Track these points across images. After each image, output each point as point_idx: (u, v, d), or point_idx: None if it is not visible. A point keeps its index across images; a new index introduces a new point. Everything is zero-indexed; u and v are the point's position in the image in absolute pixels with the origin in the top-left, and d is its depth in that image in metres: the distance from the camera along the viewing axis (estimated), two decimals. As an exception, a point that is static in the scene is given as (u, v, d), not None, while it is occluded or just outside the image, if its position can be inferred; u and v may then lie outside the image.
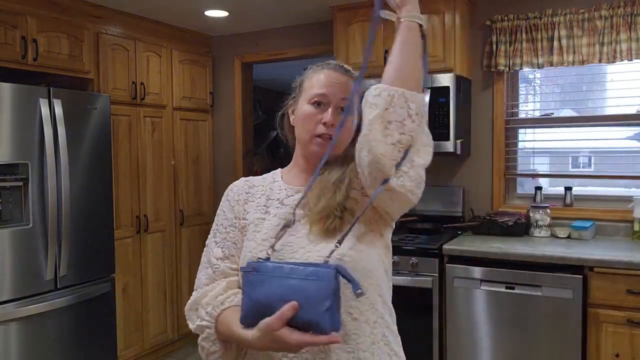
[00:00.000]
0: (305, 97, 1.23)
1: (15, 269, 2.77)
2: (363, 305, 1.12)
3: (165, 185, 3.94)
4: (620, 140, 3.35)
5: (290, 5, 3.57)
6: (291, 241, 1.15)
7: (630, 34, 2.94)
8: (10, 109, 2.74)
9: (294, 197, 1.23)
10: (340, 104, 1.20)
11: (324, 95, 1.20)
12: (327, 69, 1.24)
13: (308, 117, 1.21)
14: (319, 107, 1.20)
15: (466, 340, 2.86)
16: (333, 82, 1.22)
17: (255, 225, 1.22)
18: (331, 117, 1.18)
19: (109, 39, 3.48)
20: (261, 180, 1.33)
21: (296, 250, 1.13)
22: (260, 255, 1.12)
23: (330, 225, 1.13)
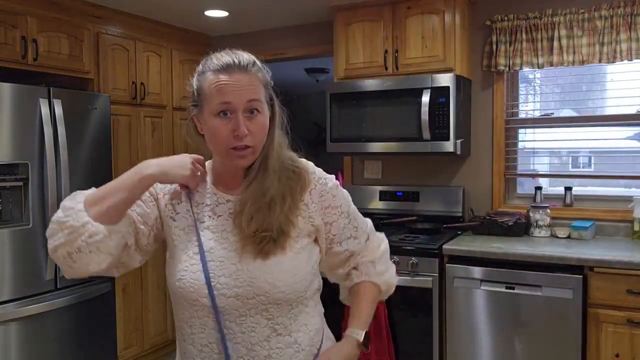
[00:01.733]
0: (209, 107, 1.13)
1: (15, 269, 2.77)
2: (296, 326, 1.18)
3: (165, 185, 3.94)
4: (620, 140, 3.35)
5: (290, 5, 3.57)
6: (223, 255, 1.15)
7: (630, 34, 2.94)
8: (10, 109, 2.74)
9: (225, 206, 1.20)
10: (248, 107, 1.13)
11: (228, 104, 1.11)
12: (225, 72, 1.13)
13: (216, 132, 1.13)
14: (226, 117, 1.12)
15: (466, 340, 2.86)
16: (235, 87, 1.11)
17: (186, 234, 1.19)
18: (243, 128, 1.11)
19: (109, 39, 3.48)
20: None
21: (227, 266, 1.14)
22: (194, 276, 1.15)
23: (264, 248, 1.13)
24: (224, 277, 1.13)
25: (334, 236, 1.26)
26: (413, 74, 3.26)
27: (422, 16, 3.23)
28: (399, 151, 3.27)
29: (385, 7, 3.33)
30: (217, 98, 1.11)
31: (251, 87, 1.13)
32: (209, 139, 1.17)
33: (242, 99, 1.11)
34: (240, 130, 1.10)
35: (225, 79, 1.12)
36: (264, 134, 1.16)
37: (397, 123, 3.24)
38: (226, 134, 1.12)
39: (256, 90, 1.14)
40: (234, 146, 1.13)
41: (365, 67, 3.41)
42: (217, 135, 1.13)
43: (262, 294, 1.12)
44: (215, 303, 1.12)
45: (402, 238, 3.16)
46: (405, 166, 3.72)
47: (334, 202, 1.24)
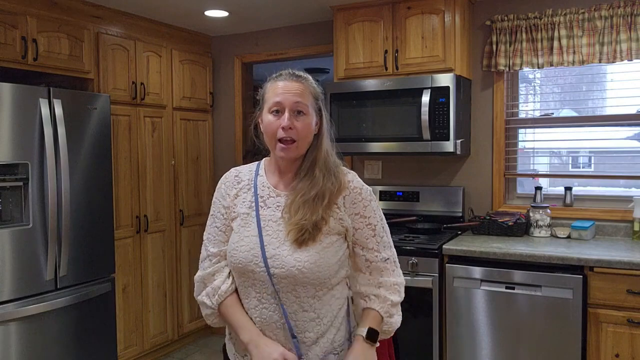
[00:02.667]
0: (266, 107, 1.43)
1: (15, 269, 2.77)
2: (320, 304, 1.42)
3: (165, 185, 3.94)
4: (620, 140, 3.35)
5: (290, 5, 3.57)
6: (271, 242, 1.41)
7: (630, 34, 2.94)
8: (10, 109, 2.74)
9: (275, 200, 1.46)
10: (295, 108, 1.40)
11: (279, 103, 1.40)
12: (280, 80, 1.43)
13: (269, 125, 1.41)
14: (277, 114, 1.40)
15: (466, 340, 2.86)
16: (286, 90, 1.40)
17: (242, 220, 1.46)
18: (287, 120, 1.38)
19: (109, 39, 3.48)
20: (247, 173, 1.54)
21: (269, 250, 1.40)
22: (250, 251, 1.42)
23: (301, 237, 1.36)
24: (263, 258, 1.40)
25: (357, 240, 1.46)
26: (413, 74, 3.26)
27: (422, 16, 3.23)
28: (399, 151, 3.27)
29: (385, 7, 3.33)
30: (272, 98, 1.41)
31: (299, 92, 1.41)
32: (264, 133, 1.44)
33: (291, 100, 1.40)
34: (286, 123, 1.38)
35: (280, 84, 1.42)
36: (307, 133, 1.42)
37: (397, 123, 3.24)
38: (276, 126, 1.40)
39: (304, 95, 1.41)
40: (279, 138, 1.40)
41: (365, 67, 3.41)
42: (269, 128, 1.41)
43: (291, 276, 1.36)
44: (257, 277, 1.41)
45: (402, 238, 3.16)
46: (405, 166, 3.72)
47: (363, 212, 1.45)
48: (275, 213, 1.43)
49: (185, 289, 4.09)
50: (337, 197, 1.42)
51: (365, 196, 1.46)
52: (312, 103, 1.43)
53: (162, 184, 3.91)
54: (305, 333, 1.40)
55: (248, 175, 1.53)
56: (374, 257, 1.46)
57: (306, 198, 1.38)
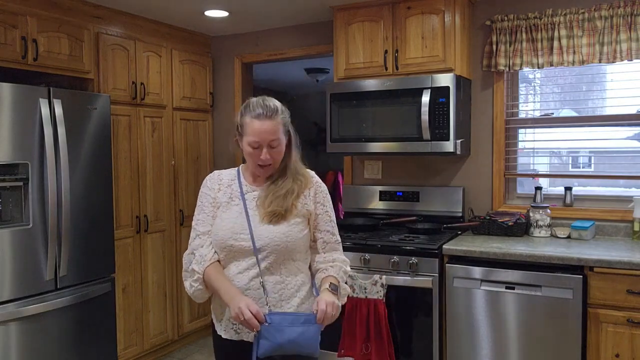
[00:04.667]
0: (246, 140, 1.77)
1: (15, 269, 2.77)
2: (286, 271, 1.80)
3: (165, 185, 3.94)
4: (620, 140, 3.35)
5: (290, 5, 3.57)
6: (252, 222, 1.80)
7: (630, 34, 2.94)
8: (10, 109, 2.74)
9: (252, 194, 1.85)
10: (271, 144, 1.76)
11: (257, 142, 1.75)
12: (257, 120, 1.75)
13: (250, 155, 1.79)
14: (257, 149, 1.76)
15: (466, 340, 2.86)
16: (262, 130, 1.74)
17: (224, 207, 1.85)
18: (265, 156, 1.77)
19: (109, 39, 3.48)
20: (228, 174, 1.92)
21: (259, 228, 1.78)
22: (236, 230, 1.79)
23: (275, 218, 1.78)
24: (244, 235, 1.78)
25: (317, 224, 1.88)
26: (413, 74, 3.26)
27: (422, 16, 3.23)
28: (399, 151, 3.27)
29: (385, 7, 3.33)
30: (251, 137, 1.76)
31: (274, 130, 1.76)
32: (245, 156, 1.83)
33: (267, 139, 1.75)
34: (264, 159, 1.77)
35: (257, 125, 1.75)
36: (280, 157, 1.82)
37: (397, 123, 3.24)
38: (256, 158, 1.79)
39: (277, 132, 1.76)
40: (259, 164, 1.80)
41: (365, 67, 3.41)
42: (250, 157, 1.80)
43: (269, 245, 1.76)
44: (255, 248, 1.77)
45: (402, 238, 3.16)
46: (405, 166, 3.72)
47: (322, 200, 1.89)
48: (252, 202, 1.84)
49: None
50: (305, 189, 1.85)
51: (324, 189, 1.91)
52: (283, 132, 1.79)
53: (162, 184, 3.91)
54: (271, 294, 1.75)
55: (229, 176, 1.92)
56: (330, 238, 1.89)
57: (279, 194, 1.80)
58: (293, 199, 1.80)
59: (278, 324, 1.61)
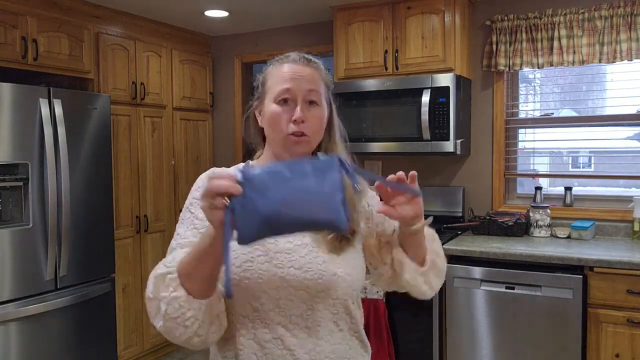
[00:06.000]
0: (270, 95, 1.17)
1: (15, 269, 2.77)
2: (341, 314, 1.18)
3: (165, 185, 3.94)
4: (620, 140, 3.35)
5: (290, 5, 3.57)
6: (290, 248, 1.13)
7: (630, 34, 2.94)
8: (10, 109, 2.74)
9: None
10: (307, 97, 1.16)
11: (289, 91, 1.15)
12: (289, 62, 1.18)
13: (276, 117, 1.15)
14: (286, 105, 1.15)
15: (466, 340, 2.86)
16: (296, 76, 1.16)
17: None
18: (300, 113, 1.13)
19: (109, 39, 3.48)
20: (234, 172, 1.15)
21: (295, 258, 1.13)
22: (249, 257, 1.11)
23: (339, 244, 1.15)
24: (292, 269, 1.12)
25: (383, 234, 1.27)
26: (413, 74, 3.26)
27: (422, 16, 3.23)
28: (399, 151, 3.27)
29: (385, 7, 3.33)
30: (279, 84, 1.15)
31: (312, 79, 1.17)
32: (268, 126, 1.18)
33: (303, 87, 1.15)
34: (298, 115, 1.13)
35: (289, 66, 1.17)
36: (320, 127, 1.19)
37: (397, 123, 3.24)
38: (285, 119, 1.14)
39: (317, 82, 1.18)
40: (290, 132, 1.14)
41: (365, 67, 3.41)
42: (275, 120, 1.15)
43: (331, 288, 1.13)
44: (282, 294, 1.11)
45: (402, 238, 3.16)
46: (405, 166, 3.71)
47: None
48: None
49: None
50: (363, 198, 1.25)
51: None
52: (324, 92, 1.20)
53: (162, 184, 3.91)
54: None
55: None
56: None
57: None
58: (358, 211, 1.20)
59: (263, 181, 0.90)
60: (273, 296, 1.10)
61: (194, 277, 1.00)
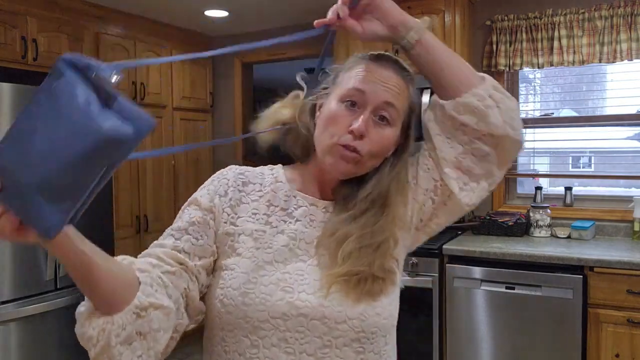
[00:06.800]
0: (337, 92, 0.95)
1: (15, 269, 2.77)
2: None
3: (165, 185, 3.94)
4: (620, 140, 3.35)
5: (290, 6, 3.57)
6: (302, 268, 0.92)
7: (630, 34, 2.94)
8: (11, 109, 2.74)
9: (306, 210, 0.96)
10: (380, 110, 0.92)
11: (362, 93, 0.91)
12: (374, 61, 0.96)
13: (333, 119, 0.92)
14: (352, 109, 0.92)
15: (466, 340, 2.86)
16: (379, 80, 0.93)
17: (254, 240, 0.93)
18: (363, 123, 0.89)
19: (109, 39, 3.48)
20: (258, 176, 1.02)
21: (310, 281, 0.91)
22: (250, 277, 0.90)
23: (365, 288, 0.89)
24: (305, 294, 0.88)
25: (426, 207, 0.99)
26: (413, 74, 3.25)
27: (422, 16, 3.21)
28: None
29: (385, 7, 3.32)
30: (353, 82, 0.94)
31: (395, 91, 0.93)
32: (320, 124, 0.95)
33: (379, 96, 0.92)
34: (358, 125, 0.89)
35: (370, 67, 0.95)
36: (380, 152, 0.94)
37: (397, 123, 3.24)
38: (342, 123, 0.91)
39: (398, 97, 0.94)
40: (342, 143, 0.90)
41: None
42: (332, 121, 0.92)
43: (355, 317, 0.88)
44: (291, 325, 0.88)
45: (402, 238, 3.16)
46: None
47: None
48: (310, 230, 0.95)
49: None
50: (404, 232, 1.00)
51: None
52: (404, 113, 0.96)
53: (162, 184, 3.91)
54: None
55: (258, 178, 1.02)
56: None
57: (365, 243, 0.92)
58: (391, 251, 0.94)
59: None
60: (278, 327, 0.87)
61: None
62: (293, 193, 0.99)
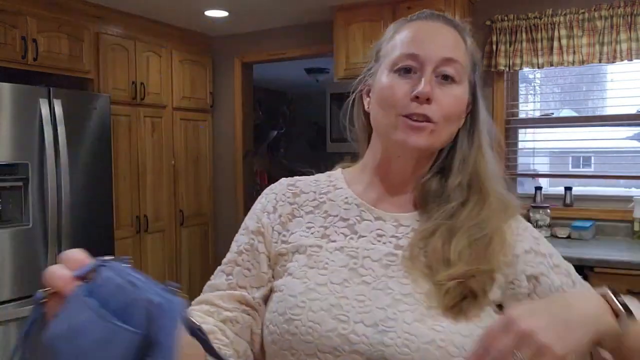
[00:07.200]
0: (385, 64, 0.81)
1: (15, 269, 2.77)
2: None
3: (165, 185, 3.94)
4: (620, 140, 3.36)
5: (290, 5, 3.57)
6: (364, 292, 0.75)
7: (630, 34, 2.94)
8: (10, 109, 2.74)
9: (373, 224, 0.81)
10: (441, 69, 0.77)
11: (414, 57, 0.77)
12: (419, 20, 0.83)
13: (389, 91, 0.78)
14: (407, 76, 0.78)
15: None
16: (428, 36, 0.80)
17: (307, 257, 0.79)
18: (427, 85, 0.75)
19: (109, 39, 3.48)
20: (312, 184, 0.89)
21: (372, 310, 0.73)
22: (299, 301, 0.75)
23: (462, 305, 0.72)
24: (362, 325, 0.72)
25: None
26: (413, 74, 3.26)
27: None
28: (399, 151, 3.27)
29: (385, 7, 3.33)
30: (400, 48, 0.79)
31: (452, 44, 0.79)
32: (375, 105, 0.81)
33: (435, 53, 0.77)
34: (422, 88, 0.75)
35: (417, 25, 0.82)
36: (454, 113, 0.79)
37: (397, 123, 3.24)
38: (402, 93, 0.77)
39: (457, 50, 0.79)
40: (407, 113, 0.76)
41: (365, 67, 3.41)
42: (388, 94, 0.78)
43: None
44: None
45: (402, 238, 3.16)
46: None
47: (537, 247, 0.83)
48: (379, 246, 0.79)
49: (185, 289, 4.09)
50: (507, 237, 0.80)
51: (528, 225, 0.86)
52: (468, 67, 0.81)
53: (162, 184, 3.91)
54: None
55: (312, 186, 0.88)
56: None
57: (475, 237, 0.76)
58: (498, 253, 0.77)
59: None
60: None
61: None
62: (355, 201, 0.84)
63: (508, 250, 0.78)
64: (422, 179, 0.83)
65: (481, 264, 0.74)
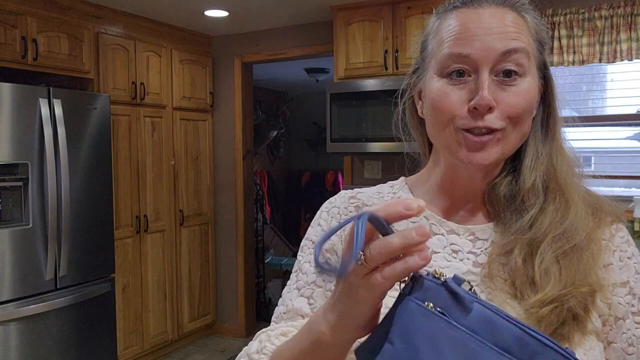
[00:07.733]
0: (433, 65, 0.71)
1: (15, 269, 2.77)
2: None
3: (165, 185, 3.94)
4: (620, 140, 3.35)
5: (290, 5, 3.57)
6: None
7: (630, 34, 2.94)
8: (10, 109, 2.74)
9: (445, 240, 0.73)
10: (501, 65, 0.66)
11: (465, 58, 0.66)
12: (466, 6, 0.69)
13: (440, 99, 0.68)
14: (461, 80, 0.67)
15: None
16: (478, 26, 0.66)
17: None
18: (487, 94, 0.64)
19: (109, 39, 3.48)
20: (375, 196, 0.83)
21: None
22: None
23: (563, 331, 0.61)
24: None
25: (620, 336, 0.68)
26: (413, 74, 3.26)
27: (422, 16, 3.22)
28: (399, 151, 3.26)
29: (385, 7, 3.33)
30: (448, 47, 0.68)
31: (510, 29, 0.67)
32: (429, 116, 0.72)
33: (491, 48, 0.65)
34: (481, 96, 0.64)
35: (465, 16, 0.68)
36: (525, 114, 0.69)
37: (397, 123, 3.24)
38: (455, 102, 0.67)
39: (519, 36, 0.67)
40: (465, 127, 0.66)
41: (365, 67, 3.41)
42: (441, 105, 0.68)
43: None
44: None
45: (402, 238, 3.16)
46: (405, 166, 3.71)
47: (635, 280, 0.70)
48: (456, 263, 0.71)
49: (185, 289, 4.09)
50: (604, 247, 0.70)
51: (631, 240, 0.73)
52: (535, 53, 0.71)
53: (162, 184, 3.91)
54: None
55: (376, 198, 0.83)
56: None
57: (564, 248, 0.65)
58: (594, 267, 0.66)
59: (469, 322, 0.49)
60: None
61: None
62: (425, 213, 0.74)
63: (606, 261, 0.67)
64: (491, 183, 0.73)
65: (575, 282, 0.62)
